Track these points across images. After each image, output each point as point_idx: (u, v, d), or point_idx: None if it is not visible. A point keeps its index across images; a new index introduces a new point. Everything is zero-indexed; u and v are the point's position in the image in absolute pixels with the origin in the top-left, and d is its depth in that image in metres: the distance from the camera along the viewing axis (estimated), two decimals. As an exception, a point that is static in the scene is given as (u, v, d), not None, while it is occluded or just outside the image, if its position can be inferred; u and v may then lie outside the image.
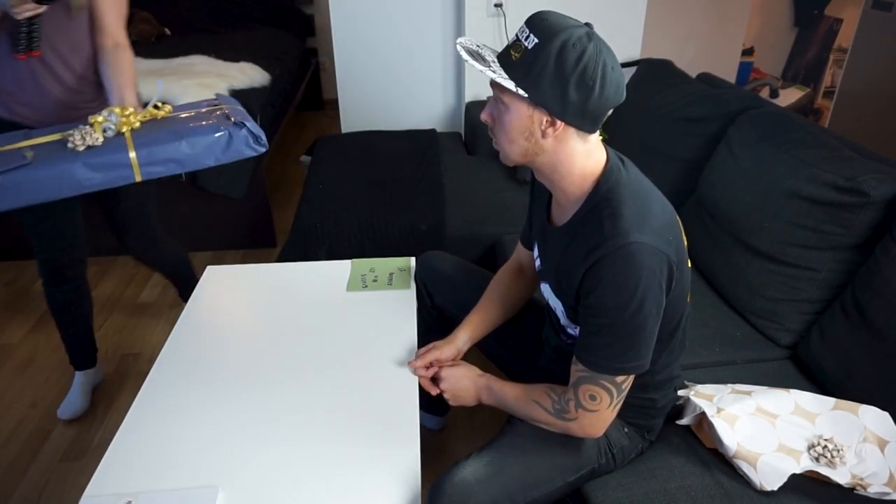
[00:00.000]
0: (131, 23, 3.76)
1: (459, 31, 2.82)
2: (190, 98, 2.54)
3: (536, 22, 0.93)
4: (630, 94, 2.55)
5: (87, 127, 1.26)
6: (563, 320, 1.13)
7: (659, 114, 2.21)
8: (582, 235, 0.99)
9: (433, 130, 2.87)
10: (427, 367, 1.22)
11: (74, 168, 1.20)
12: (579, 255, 0.97)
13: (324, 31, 4.51)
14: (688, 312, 1.12)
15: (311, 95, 4.58)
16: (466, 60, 0.94)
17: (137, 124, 1.31)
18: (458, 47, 0.97)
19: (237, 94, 2.71)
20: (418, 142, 2.69)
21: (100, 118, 1.28)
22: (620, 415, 1.16)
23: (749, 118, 1.80)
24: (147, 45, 3.58)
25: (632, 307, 0.93)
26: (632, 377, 1.01)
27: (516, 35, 0.95)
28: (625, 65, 2.81)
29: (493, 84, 0.97)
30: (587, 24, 0.94)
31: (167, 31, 3.84)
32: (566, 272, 1.02)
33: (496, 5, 2.69)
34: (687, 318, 1.12)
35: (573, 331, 1.12)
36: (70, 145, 1.23)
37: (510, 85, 0.93)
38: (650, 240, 0.93)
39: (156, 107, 1.37)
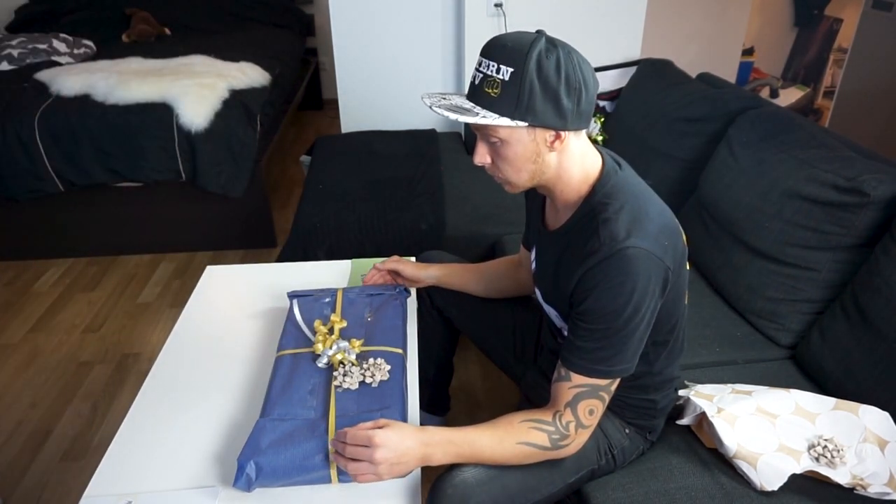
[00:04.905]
0: (131, 23, 3.77)
1: (459, 31, 2.82)
2: (191, 98, 2.54)
3: (497, 51, 0.91)
4: (630, 94, 2.58)
5: (349, 365, 1.12)
6: (559, 322, 1.13)
7: (659, 114, 2.21)
8: (578, 241, 0.98)
9: (433, 130, 2.87)
10: (343, 444, 0.92)
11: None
12: (575, 260, 0.97)
13: (324, 31, 4.51)
14: (685, 313, 1.11)
15: (311, 95, 4.58)
16: (456, 118, 0.91)
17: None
18: (437, 110, 0.93)
19: (237, 94, 2.71)
20: (418, 142, 2.69)
21: (339, 355, 1.12)
22: (621, 416, 1.16)
23: (749, 118, 1.80)
24: (147, 45, 3.59)
25: (627, 312, 0.92)
26: (618, 381, 1.00)
27: (481, 72, 0.92)
28: (625, 65, 2.81)
29: (482, 126, 0.94)
30: (538, 32, 0.92)
31: (167, 30, 3.84)
32: (561, 277, 1.02)
33: (496, 5, 2.69)
34: (685, 319, 1.12)
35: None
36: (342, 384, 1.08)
37: (507, 122, 0.91)
38: (646, 245, 0.92)
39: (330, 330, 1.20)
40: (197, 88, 2.61)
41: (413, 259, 1.52)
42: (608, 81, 2.79)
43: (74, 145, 2.49)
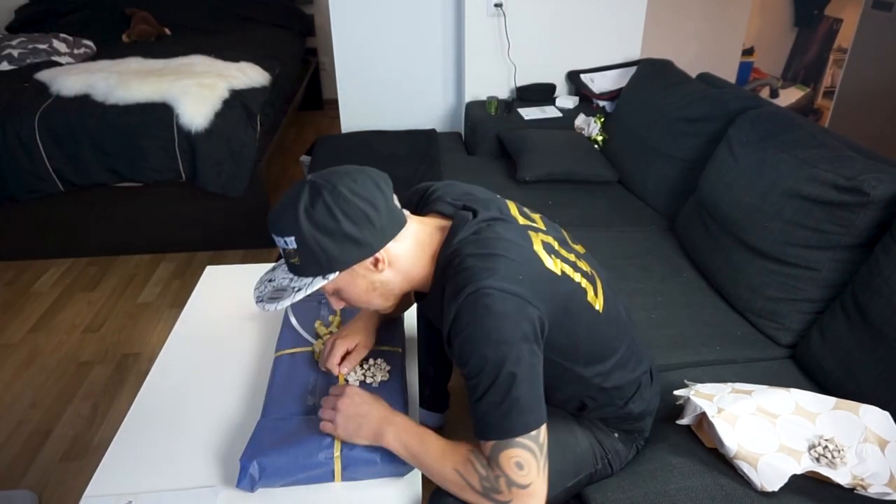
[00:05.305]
0: (131, 23, 3.76)
1: (459, 31, 2.82)
2: (191, 98, 2.54)
3: (276, 226, 0.90)
4: (630, 94, 2.58)
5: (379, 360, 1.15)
6: None
7: (659, 114, 2.21)
8: (439, 307, 0.94)
9: (433, 130, 2.87)
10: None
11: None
12: (445, 322, 0.91)
13: (324, 31, 4.51)
14: (604, 321, 1.04)
15: (311, 95, 4.58)
16: (275, 307, 0.91)
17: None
18: (261, 307, 0.93)
19: (237, 94, 2.71)
20: (418, 142, 2.69)
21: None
22: (608, 423, 1.15)
23: (749, 118, 1.80)
24: (147, 45, 3.58)
25: (496, 357, 0.85)
26: (542, 430, 0.89)
27: (281, 248, 0.92)
28: (625, 65, 2.81)
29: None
30: (304, 181, 0.91)
31: (167, 30, 3.84)
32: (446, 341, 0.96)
33: (496, 5, 2.69)
34: (604, 328, 1.05)
35: None
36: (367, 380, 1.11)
37: (321, 282, 0.91)
38: (497, 284, 0.86)
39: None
40: (197, 88, 2.61)
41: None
42: (608, 81, 2.79)
43: (74, 145, 2.49)
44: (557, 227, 1.10)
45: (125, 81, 2.63)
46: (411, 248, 0.97)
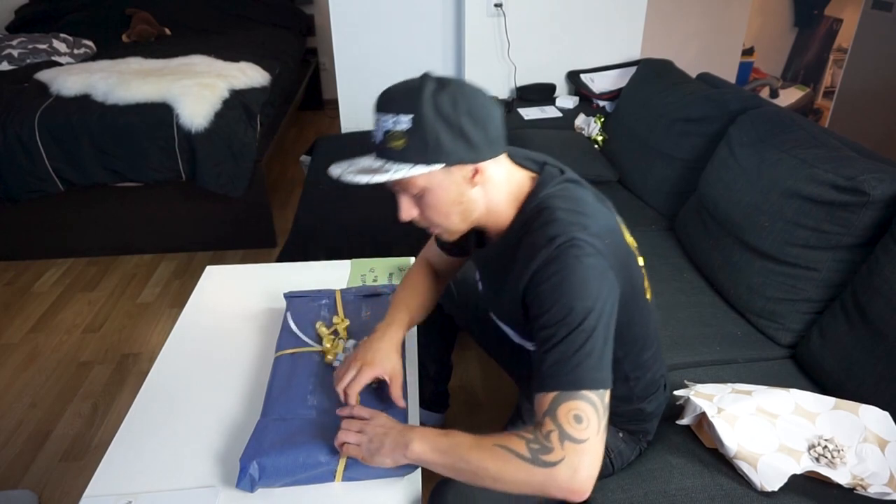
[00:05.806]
0: (131, 23, 3.77)
1: (459, 31, 2.82)
2: (191, 98, 2.55)
3: (390, 103, 0.88)
4: (630, 94, 2.58)
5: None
6: (518, 339, 1.10)
7: (659, 114, 2.21)
8: (519, 254, 0.93)
9: (433, 130, 2.86)
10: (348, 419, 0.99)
11: None
12: (520, 272, 0.91)
13: (324, 31, 4.51)
14: (650, 315, 1.07)
15: (311, 95, 4.58)
16: (368, 180, 0.88)
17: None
18: (347, 178, 0.91)
19: (237, 94, 2.71)
20: (418, 142, 2.68)
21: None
22: (613, 422, 1.15)
23: (749, 118, 1.80)
24: (147, 45, 3.59)
25: (581, 308, 0.84)
26: (607, 394, 0.86)
27: (383, 130, 0.89)
28: (625, 65, 2.81)
29: (400, 181, 0.90)
30: (425, 74, 0.90)
31: (167, 31, 3.84)
32: (508, 293, 0.96)
33: (496, 5, 2.69)
34: (650, 317, 1.08)
35: (531, 346, 0.99)
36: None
37: (423, 169, 0.87)
38: (590, 239, 0.87)
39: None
40: (197, 88, 2.61)
41: (413, 258, 1.48)
42: (608, 81, 2.79)
43: (74, 145, 2.49)
44: None
45: (125, 81, 2.63)
46: (503, 180, 0.96)
